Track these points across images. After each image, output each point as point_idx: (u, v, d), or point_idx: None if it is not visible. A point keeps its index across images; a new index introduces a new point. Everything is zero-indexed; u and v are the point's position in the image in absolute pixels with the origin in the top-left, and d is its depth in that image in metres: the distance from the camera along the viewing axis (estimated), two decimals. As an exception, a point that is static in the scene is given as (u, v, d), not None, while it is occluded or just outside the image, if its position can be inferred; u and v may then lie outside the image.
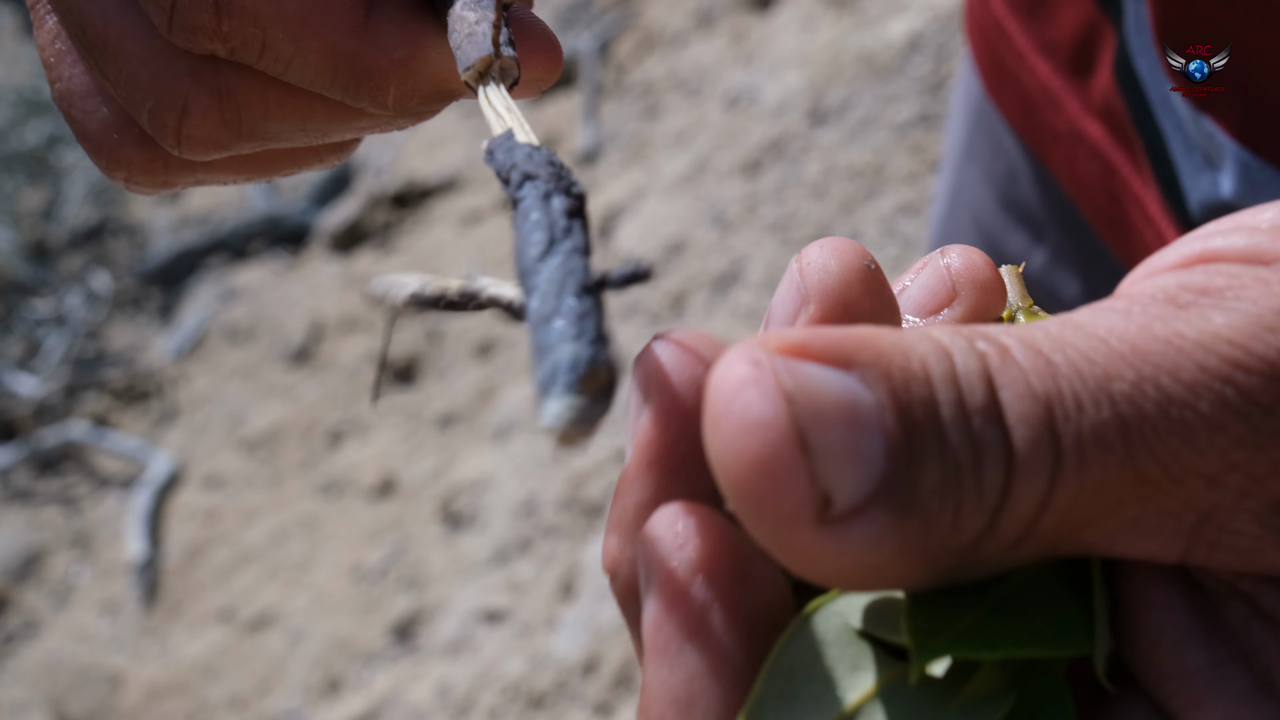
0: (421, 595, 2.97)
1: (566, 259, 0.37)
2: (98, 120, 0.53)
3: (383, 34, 0.47)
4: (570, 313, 0.35)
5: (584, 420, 0.34)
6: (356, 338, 3.85)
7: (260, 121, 0.50)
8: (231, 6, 0.46)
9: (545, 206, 0.39)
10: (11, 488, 3.86)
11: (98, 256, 4.56)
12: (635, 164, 3.67)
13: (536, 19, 0.49)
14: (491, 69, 0.45)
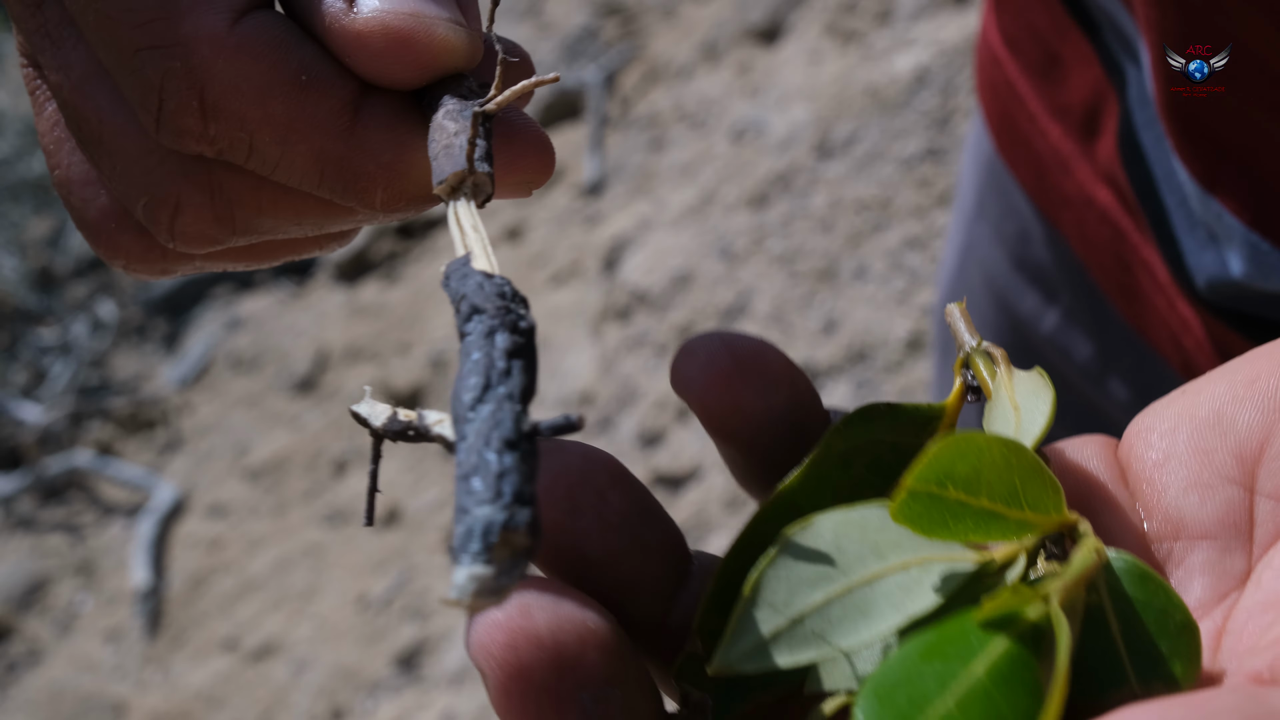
0: (426, 625, 2.97)
1: (497, 408, 0.37)
2: (96, 209, 0.53)
3: (369, 139, 0.47)
4: (489, 471, 0.35)
5: (492, 590, 0.34)
6: (361, 367, 3.86)
7: (254, 218, 0.50)
8: (217, 111, 0.46)
9: (487, 345, 0.39)
10: (15, 515, 3.86)
11: (103, 285, 4.57)
12: (641, 196, 3.68)
13: (528, 120, 0.49)
14: (464, 184, 0.45)
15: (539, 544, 0.35)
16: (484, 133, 0.46)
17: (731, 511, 2.58)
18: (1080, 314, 0.96)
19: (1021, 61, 0.93)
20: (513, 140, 0.48)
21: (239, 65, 0.46)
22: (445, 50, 0.47)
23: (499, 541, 0.34)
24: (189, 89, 0.46)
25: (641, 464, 2.82)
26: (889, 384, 2.64)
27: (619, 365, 3.12)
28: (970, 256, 1.08)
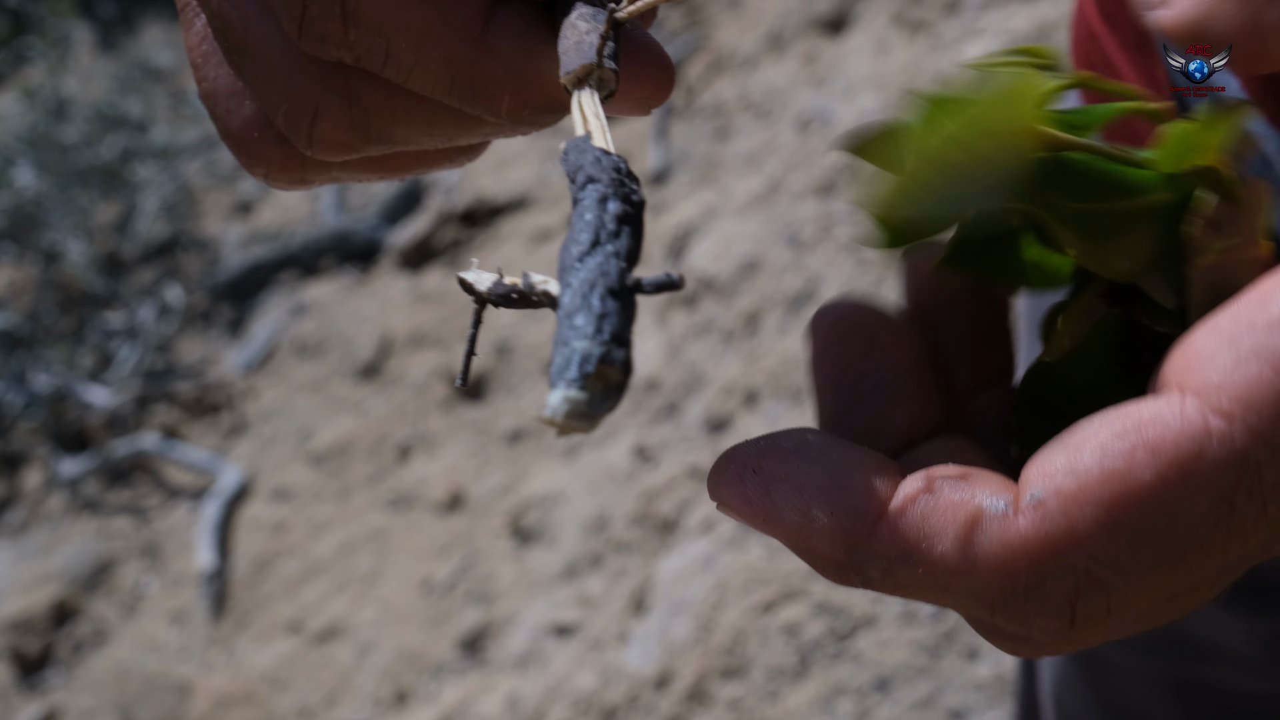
0: (490, 609, 2.98)
1: (604, 261, 0.38)
2: (240, 119, 0.54)
3: (500, 45, 0.49)
4: (592, 311, 0.37)
5: (584, 415, 0.36)
6: (425, 354, 3.87)
7: (388, 126, 0.52)
8: (357, 16, 0.48)
9: (599, 209, 0.40)
10: (82, 497, 3.90)
11: (169, 270, 4.61)
12: (706, 184, 3.68)
13: (652, 39, 0.50)
14: (590, 77, 0.46)
15: (627, 383, 0.36)
16: (613, 36, 0.47)
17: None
18: None
19: (1119, 36, 0.92)
20: (636, 56, 0.50)
21: None
22: None
23: (595, 372, 0.36)
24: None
25: (708, 450, 2.81)
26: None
27: (685, 351, 3.12)
28: None
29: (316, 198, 4.70)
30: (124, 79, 5.19)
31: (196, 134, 5.14)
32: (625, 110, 0.51)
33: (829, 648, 2.32)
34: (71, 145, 4.70)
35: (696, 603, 2.51)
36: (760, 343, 2.97)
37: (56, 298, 4.51)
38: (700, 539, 2.64)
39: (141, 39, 5.89)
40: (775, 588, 2.42)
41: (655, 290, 0.38)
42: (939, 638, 2.27)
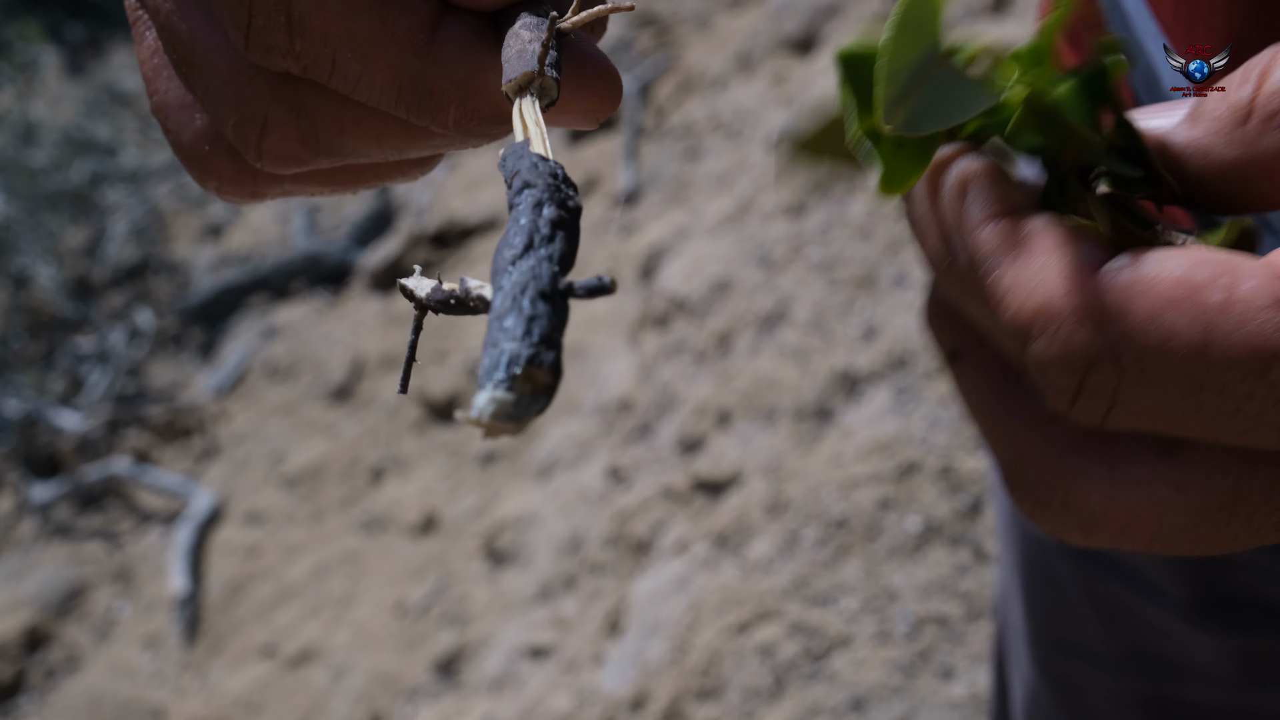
0: (465, 631, 2.98)
1: (536, 264, 0.38)
2: (191, 132, 0.55)
3: (445, 56, 0.49)
4: (522, 313, 0.37)
5: (510, 416, 0.36)
6: (397, 376, 3.87)
7: (336, 138, 0.52)
8: (303, 26, 0.48)
9: (534, 214, 0.40)
10: (54, 522, 3.88)
11: (140, 294, 4.59)
12: (676, 205, 3.69)
13: (597, 51, 0.51)
14: (531, 85, 0.46)
15: (557, 386, 0.37)
16: (555, 45, 0.47)
17: (773, 517, 2.58)
18: None
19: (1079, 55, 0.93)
20: (582, 68, 0.50)
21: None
22: None
23: (522, 374, 0.36)
24: (277, 5, 0.48)
25: (682, 470, 2.82)
26: (929, 390, 2.64)
27: (658, 372, 3.13)
28: None
29: (286, 220, 4.70)
30: (92, 103, 5.17)
31: (166, 158, 5.13)
32: (572, 122, 0.51)
33: (804, 668, 2.32)
34: (40, 169, 4.69)
35: (671, 624, 2.51)
36: (732, 363, 2.98)
37: (26, 322, 4.49)
38: (674, 560, 2.65)
39: (109, 63, 5.87)
40: (750, 608, 2.43)
41: (588, 295, 0.38)
42: (914, 657, 2.28)
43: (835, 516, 2.52)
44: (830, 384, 2.78)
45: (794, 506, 2.58)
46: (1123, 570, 1.06)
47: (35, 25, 5.42)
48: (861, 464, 2.57)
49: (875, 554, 2.44)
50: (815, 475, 2.61)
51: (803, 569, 2.47)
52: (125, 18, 0.75)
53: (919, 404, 2.65)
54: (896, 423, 2.62)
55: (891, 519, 2.47)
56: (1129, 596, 1.07)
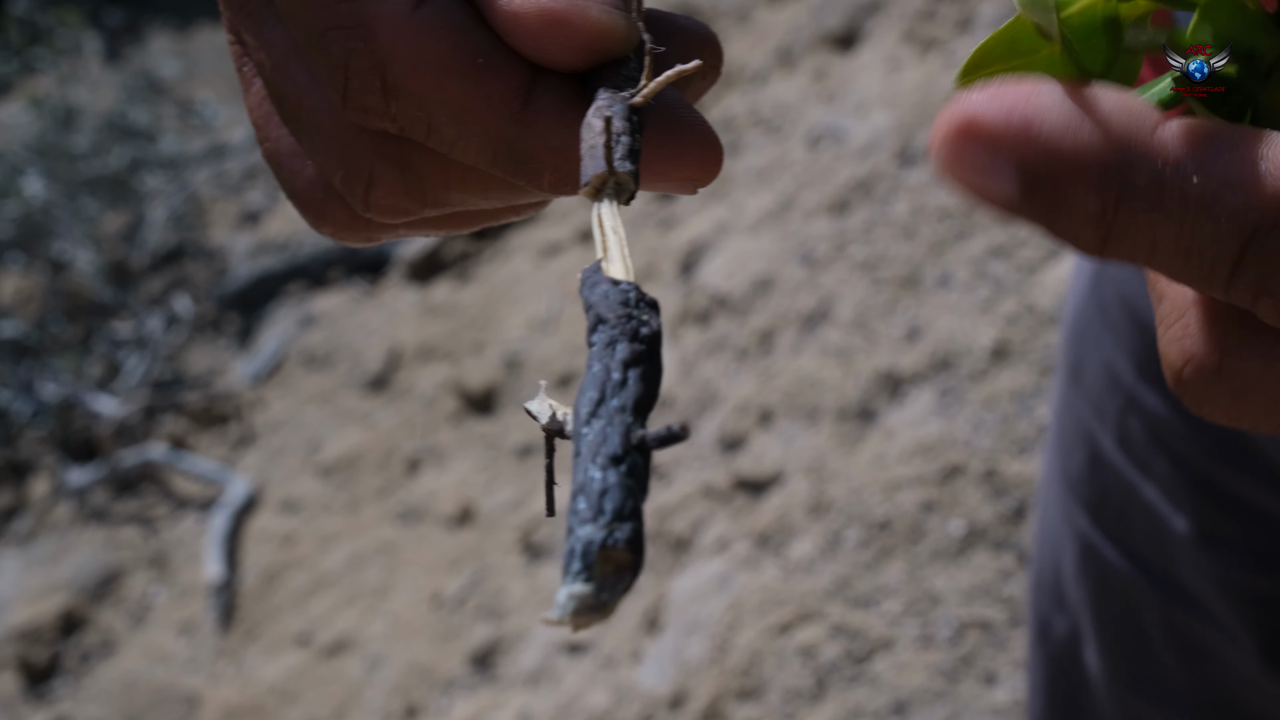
0: (501, 625, 2.98)
1: (606, 423, 0.37)
2: (303, 180, 0.55)
3: (539, 122, 0.49)
4: (592, 490, 0.36)
5: (594, 607, 0.35)
6: (434, 366, 3.87)
7: (442, 192, 0.52)
8: (398, 91, 0.48)
9: (606, 356, 0.39)
10: (90, 507, 3.89)
11: (177, 280, 4.61)
12: (716, 200, 3.68)
13: (695, 116, 0.50)
14: (606, 185, 0.45)
15: (641, 559, 0.36)
16: (630, 127, 0.46)
17: (815, 517, 2.58)
18: None
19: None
20: (677, 137, 0.49)
21: (419, 48, 0.48)
22: (600, 33, 0.48)
23: (599, 559, 0.35)
24: (372, 69, 0.48)
25: (723, 468, 2.82)
26: (974, 392, 2.63)
27: (699, 369, 3.12)
28: (1105, 274, 1.08)
29: (324, 208, 4.70)
30: (131, 89, 5.19)
31: (204, 144, 5.14)
32: (672, 190, 0.51)
33: (846, 670, 2.32)
34: (80, 155, 4.70)
35: (711, 623, 2.51)
36: (774, 361, 2.97)
37: (64, 307, 4.51)
38: (714, 558, 2.65)
39: (148, 49, 5.89)
40: (791, 609, 2.43)
41: (660, 445, 0.37)
42: (956, 662, 2.27)
43: (878, 518, 2.52)
44: (873, 384, 2.78)
45: (836, 507, 2.58)
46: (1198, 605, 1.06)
47: (76, 11, 5.43)
48: (904, 466, 2.56)
49: (918, 557, 2.44)
50: (858, 476, 2.61)
51: (845, 570, 2.47)
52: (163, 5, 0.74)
53: (963, 406, 2.64)
54: (940, 425, 2.61)
55: (934, 522, 2.47)
56: (1209, 634, 1.06)
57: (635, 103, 0.47)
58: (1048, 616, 1.25)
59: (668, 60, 0.48)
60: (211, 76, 5.73)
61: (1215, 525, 1.02)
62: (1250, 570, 1.01)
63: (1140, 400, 1.04)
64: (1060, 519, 1.19)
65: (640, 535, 0.36)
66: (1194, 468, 1.02)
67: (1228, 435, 0.98)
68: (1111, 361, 1.07)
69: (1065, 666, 1.25)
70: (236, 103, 5.42)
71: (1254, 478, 0.98)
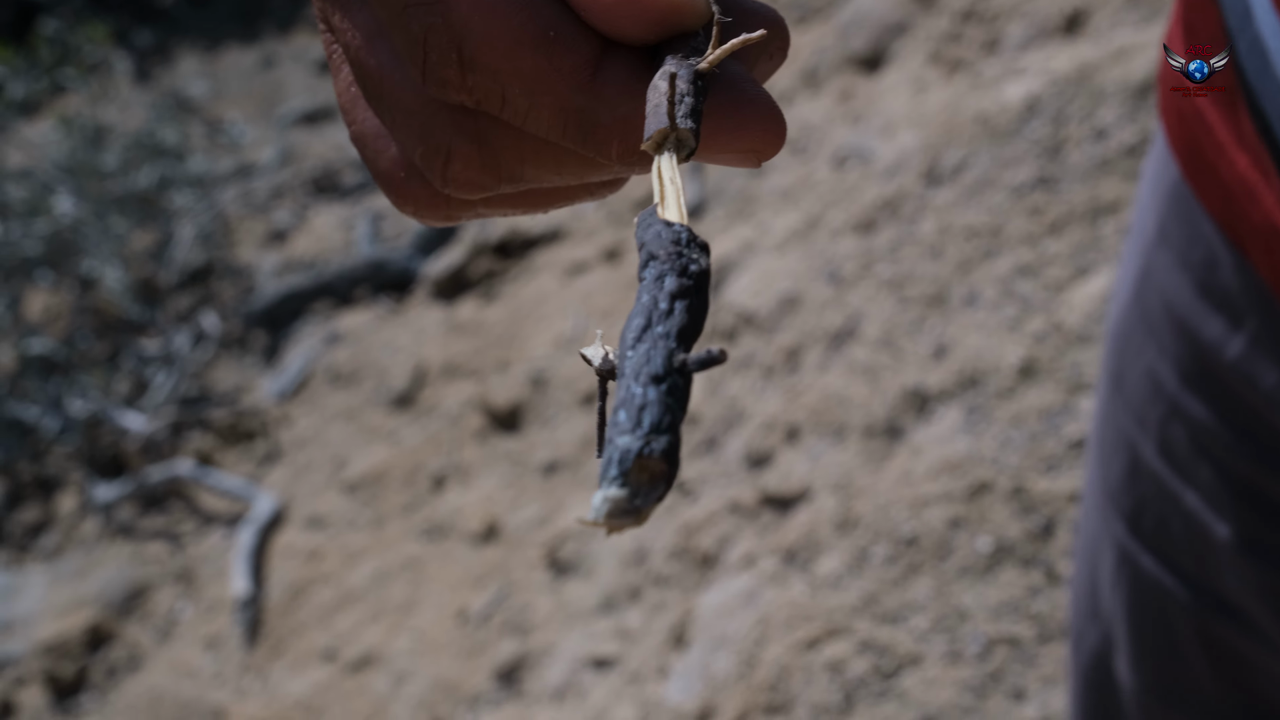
0: (527, 640, 2.98)
1: (651, 346, 0.39)
2: (387, 159, 0.57)
3: (607, 93, 0.50)
4: (633, 403, 0.37)
5: (627, 511, 0.36)
6: (459, 384, 3.89)
7: (517, 166, 0.54)
8: (474, 63, 0.50)
9: (655, 288, 0.41)
10: (117, 522, 3.91)
11: (205, 298, 4.63)
12: (742, 220, 3.69)
13: (758, 90, 0.51)
14: (668, 140, 0.47)
15: (675, 470, 0.37)
16: (694, 90, 0.48)
17: (842, 534, 2.58)
18: (1267, 341, 0.96)
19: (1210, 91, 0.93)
20: (740, 108, 0.50)
21: (493, 21, 0.50)
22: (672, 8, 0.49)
23: (634, 467, 0.36)
24: (449, 42, 0.50)
25: (749, 485, 2.82)
26: (1001, 410, 2.63)
27: (725, 386, 3.13)
28: (1149, 283, 1.08)
29: (351, 227, 4.73)
30: (160, 108, 5.23)
31: (232, 163, 5.17)
32: (735, 162, 0.52)
33: (874, 686, 2.32)
34: (109, 173, 4.74)
35: (739, 638, 2.52)
36: (801, 378, 2.98)
37: (93, 323, 4.54)
38: (742, 574, 2.65)
39: (177, 69, 5.93)
40: (819, 624, 2.43)
41: (700, 367, 0.38)
42: (985, 678, 2.27)
43: (905, 535, 2.52)
44: (900, 402, 2.78)
45: (863, 523, 2.58)
46: (1238, 614, 1.06)
47: (103, 28, 5.48)
48: (932, 483, 2.57)
49: (946, 573, 2.44)
50: (885, 493, 2.61)
51: (872, 586, 2.47)
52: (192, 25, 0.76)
53: (990, 424, 2.64)
54: (967, 442, 2.62)
55: (962, 538, 2.47)
56: (1247, 644, 1.07)
57: (701, 68, 0.48)
58: (1081, 627, 1.26)
59: (735, 34, 0.50)
60: (239, 96, 5.77)
61: (1259, 532, 1.02)
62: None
63: (1184, 408, 1.05)
64: (1099, 529, 1.19)
65: (676, 448, 0.37)
66: (1237, 475, 1.02)
67: (1273, 442, 0.99)
68: (1154, 369, 1.07)
69: (1096, 678, 1.26)
70: (264, 122, 5.46)
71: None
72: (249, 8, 6.56)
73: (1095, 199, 2.95)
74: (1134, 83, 3.11)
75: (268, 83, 5.74)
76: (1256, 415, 0.99)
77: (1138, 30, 3.31)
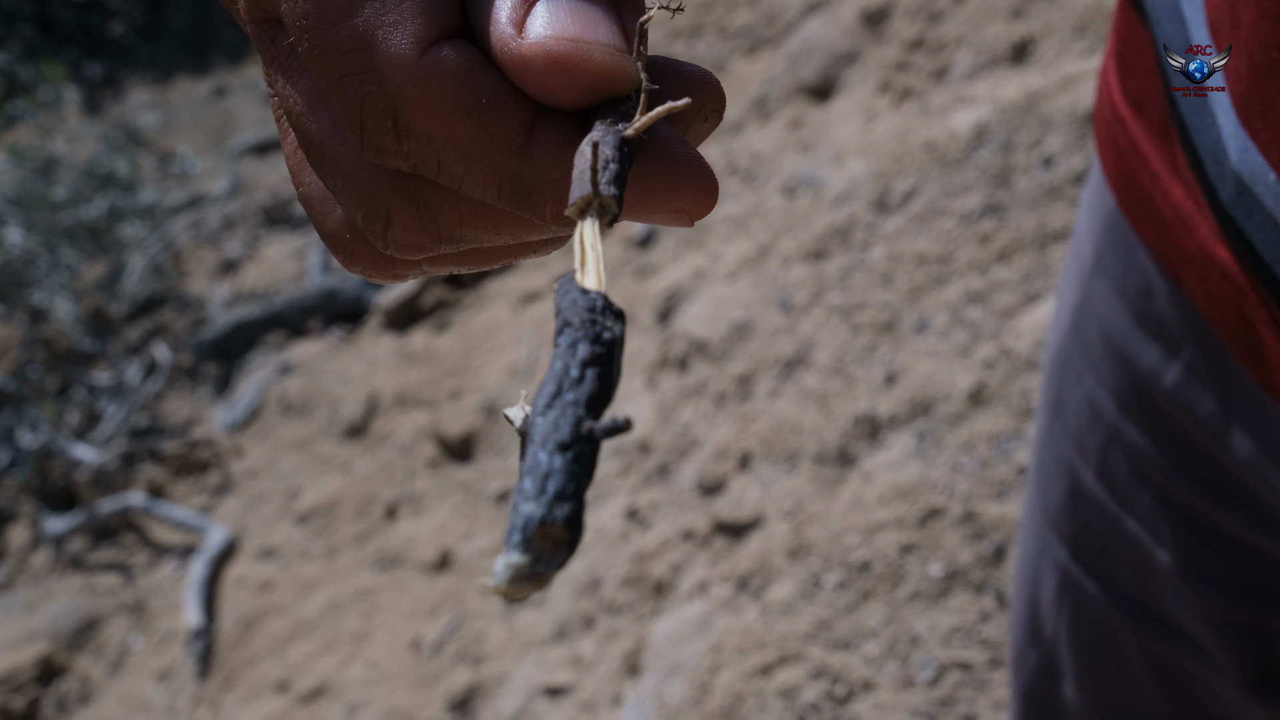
0: (481, 669, 2.98)
1: (560, 414, 0.40)
2: (333, 221, 0.58)
3: (540, 156, 0.52)
4: (538, 470, 0.38)
5: (529, 577, 0.37)
6: (412, 414, 3.88)
7: (456, 227, 0.55)
8: (409, 130, 0.51)
9: (568, 356, 0.42)
10: (68, 555, 3.89)
11: (156, 329, 4.61)
12: (693, 248, 3.71)
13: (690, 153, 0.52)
14: (590, 206, 0.48)
15: (578, 536, 0.38)
16: (619, 156, 0.49)
17: (794, 560, 2.59)
18: (1203, 369, 0.98)
19: (1145, 122, 0.95)
20: (672, 170, 0.51)
21: (427, 90, 0.51)
22: (603, 74, 0.51)
23: (537, 534, 0.37)
24: (384, 110, 0.51)
25: (702, 512, 2.83)
26: (952, 436, 2.65)
27: (677, 414, 3.14)
28: (1086, 311, 1.10)
29: (303, 257, 4.72)
30: (111, 140, 5.21)
31: (183, 194, 5.16)
32: (668, 221, 0.53)
33: (827, 712, 2.33)
34: (59, 204, 4.71)
35: (692, 665, 2.52)
36: (753, 405, 2.99)
37: (43, 355, 4.51)
38: (695, 601, 2.66)
39: (128, 101, 5.91)
40: (772, 651, 2.44)
41: (607, 435, 0.39)
42: (936, 703, 2.28)
43: (857, 561, 2.53)
44: (851, 428, 2.79)
45: (815, 550, 2.59)
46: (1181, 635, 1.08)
47: (59, 66, 5.46)
48: (883, 509, 2.58)
49: (897, 599, 2.45)
50: (837, 519, 2.62)
51: (825, 613, 2.48)
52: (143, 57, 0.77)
53: (941, 450, 2.66)
54: (919, 468, 2.63)
55: (913, 564, 2.48)
56: (1190, 661, 1.08)
57: (627, 135, 0.50)
58: (1022, 650, 1.27)
59: (665, 99, 0.51)
60: (190, 128, 5.75)
61: (1199, 560, 1.03)
62: (1235, 603, 1.03)
63: (1123, 435, 1.06)
64: (1039, 553, 1.20)
65: (579, 516, 0.38)
66: (1176, 503, 1.03)
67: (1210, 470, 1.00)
68: (1093, 396, 1.09)
69: (1038, 698, 1.27)
70: (214, 154, 5.45)
71: (1236, 513, 1.00)
72: (200, 39, 6.54)
73: (1043, 226, 2.98)
74: (1081, 111, 3.14)
75: (219, 113, 5.73)
76: (1193, 443, 1.01)
77: (1084, 59, 3.34)
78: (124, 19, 6.03)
